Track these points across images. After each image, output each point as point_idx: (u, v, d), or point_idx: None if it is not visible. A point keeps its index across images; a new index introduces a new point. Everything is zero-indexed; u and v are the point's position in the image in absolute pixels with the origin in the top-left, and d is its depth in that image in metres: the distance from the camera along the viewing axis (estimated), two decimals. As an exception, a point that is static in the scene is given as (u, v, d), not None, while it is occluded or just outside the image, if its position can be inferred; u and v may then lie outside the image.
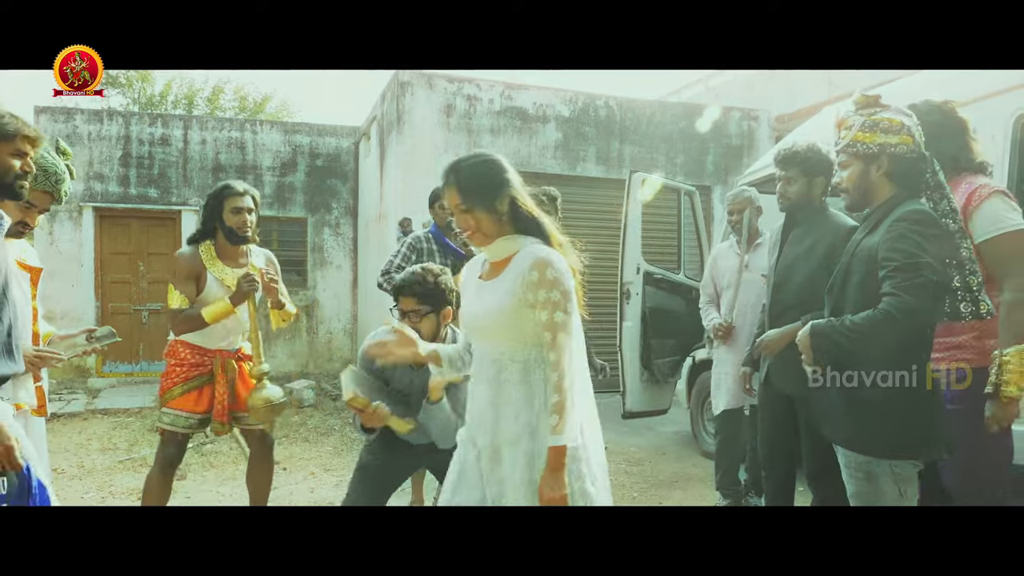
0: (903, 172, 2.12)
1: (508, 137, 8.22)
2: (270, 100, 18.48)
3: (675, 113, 9.05)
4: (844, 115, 2.21)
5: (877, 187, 2.15)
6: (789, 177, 3.01)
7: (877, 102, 2.15)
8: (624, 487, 4.66)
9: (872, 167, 2.13)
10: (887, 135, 2.10)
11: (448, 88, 8.05)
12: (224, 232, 3.16)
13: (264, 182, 10.00)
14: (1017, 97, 3.32)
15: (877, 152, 2.11)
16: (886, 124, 2.10)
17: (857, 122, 2.14)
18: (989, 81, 3.51)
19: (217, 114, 17.25)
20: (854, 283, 2.10)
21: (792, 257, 2.96)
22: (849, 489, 2.12)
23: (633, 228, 5.00)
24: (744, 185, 4.34)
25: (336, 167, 10.35)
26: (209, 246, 3.20)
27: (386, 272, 4.05)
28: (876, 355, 2.01)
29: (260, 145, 10.06)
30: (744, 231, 3.94)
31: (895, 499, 2.00)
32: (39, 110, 9.32)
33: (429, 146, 7.93)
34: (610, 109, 8.62)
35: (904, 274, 1.91)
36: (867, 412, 2.04)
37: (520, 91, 8.32)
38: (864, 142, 2.12)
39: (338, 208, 10.35)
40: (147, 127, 9.71)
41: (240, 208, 3.14)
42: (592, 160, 8.51)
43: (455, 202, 1.97)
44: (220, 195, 3.15)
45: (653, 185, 5.08)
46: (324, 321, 10.16)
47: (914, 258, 1.92)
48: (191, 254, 3.17)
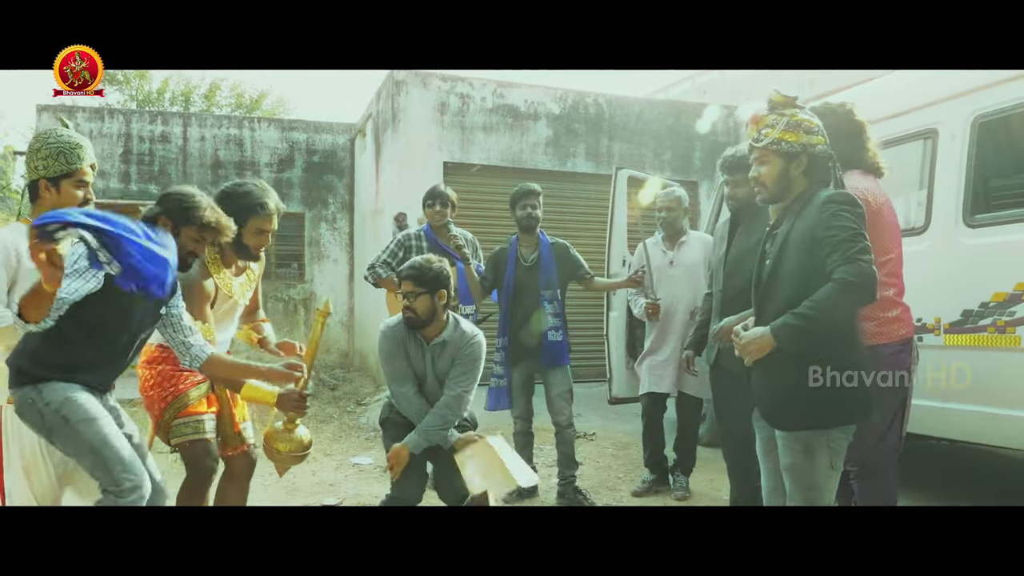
0: (817, 169, 2.27)
1: (500, 134, 8.46)
2: (266, 97, 18.68)
3: (663, 110, 9.30)
4: (761, 113, 2.30)
5: (794, 183, 2.28)
6: (736, 181, 3.29)
7: (793, 103, 2.27)
8: (611, 469, 4.92)
9: (792, 164, 2.25)
10: (808, 135, 2.23)
11: (442, 86, 8.28)
12: (237, 247, 2.87)
13: (262, 178, 10.13)
14: (975, 99, 3.52)
15: (799, 151, 2.23)
16: (807, 125, 2.23)
17: (780, 122, 2.25)
18: (949, 84, 3.72)
19: (214, 110, 17.43)
20: (787, 272, 2.20)
21: (741, 249, 3.24)
22: (784, 460, 2.24)
23: (619, 222, 5.24)
24: (675, 185, 4.58)
25: (333, 163, 10.57)
26: (214, 253, 2.89)
27: (371, 267, 4.22)
28: (842, 326, 2.12)
29: (258, 142, 10.27)
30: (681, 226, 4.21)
31: (827, 470, 2.17)
32: (41, 108, 9.53)
33: (423, 143, 8.17)
34: (599, 107, 8.86)
35: (849, 244, 2.04)
36: (803, 388, 2.14)
37: (511, 89, 8.56)
38: (787, 140, 2.23)
39: (335, 203, 10.58)
40: (147, 124, 9.92)
41: (265, 230, 2.90)
42: (582, 156, 8.76)
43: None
44: (248, 210, 2.83)
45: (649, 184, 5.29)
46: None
47: (853, 231, 2.07)
48: (204, 274, 2.84)
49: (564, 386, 4.04)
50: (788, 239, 2.22)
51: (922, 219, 3.76)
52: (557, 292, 4.05)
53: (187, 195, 2.49)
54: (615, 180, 5.18)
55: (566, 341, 4.08)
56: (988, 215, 3.48)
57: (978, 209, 3.51)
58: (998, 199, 3.55)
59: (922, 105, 3.84)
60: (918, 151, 3.84)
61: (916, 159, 3.85)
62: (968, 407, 3.46)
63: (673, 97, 11.21)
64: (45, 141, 2.48)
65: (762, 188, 2.33)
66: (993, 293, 3.37)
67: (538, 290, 4.01)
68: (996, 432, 3.45)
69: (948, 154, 3.66)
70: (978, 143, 3.52)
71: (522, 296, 4.05)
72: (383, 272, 4.15)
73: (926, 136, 3.78)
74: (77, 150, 2.49)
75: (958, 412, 3.50)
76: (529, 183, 4.15)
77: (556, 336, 4.00)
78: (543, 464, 4.76)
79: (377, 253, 4.33)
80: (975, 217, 3.50)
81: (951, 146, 3.65)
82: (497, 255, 4.21)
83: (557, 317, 4.01)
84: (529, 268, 4.08)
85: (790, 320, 2.08)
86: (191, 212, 2.45)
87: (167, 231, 2.36)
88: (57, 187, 2.47)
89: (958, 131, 3.61)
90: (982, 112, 3.50)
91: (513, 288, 4.08)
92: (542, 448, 5.08)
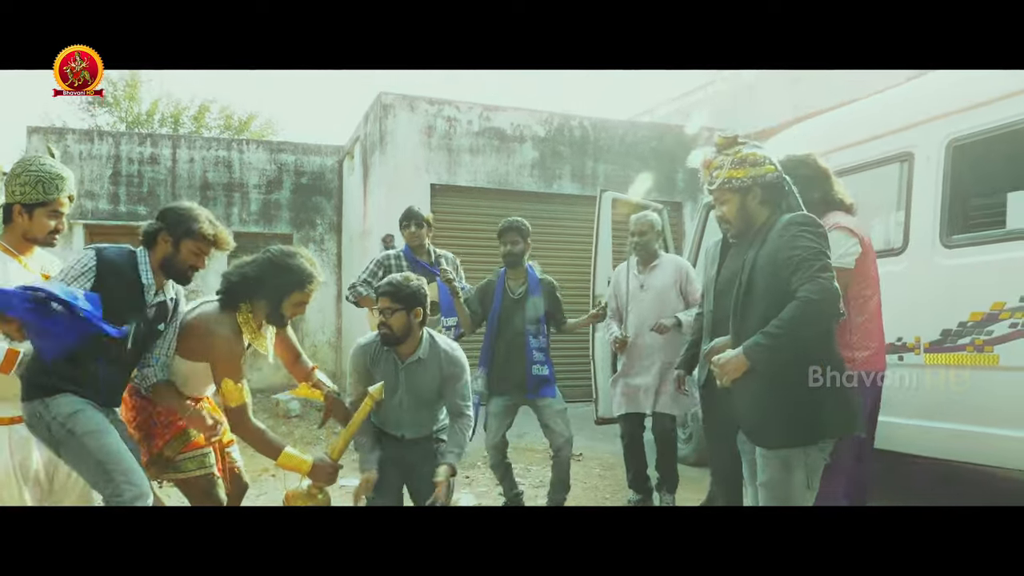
0: (773, 196, 2.37)
1: (486, 156, 8.53)
2: (255, 118, 18.73)
3: (646, 132, 9.41)
4: (710, 157, 2.42)
5: (755, 214, 2.38)
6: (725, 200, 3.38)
7: (736, 141, 2.38)
8: (597, 490, 4.92)
9: (748, 197, 2.36)
10: (755, 167, 2.34)
11: (429, 110, 8.35)
12: (273, 313, 2.70)
13: (250, 199, 10.24)
14: (949, 123, 3.60)
15: (750, 184, 2.34)
16: (752, 158, 2.34)
17: (726, 161, 2.36)
18: (923, 108, 3.82)
19: (203, 132, 17.47)
20: (758, 294, 2.28)
21: (732, 270, 3.28)
22: (761, 477, 2.28)
23: (604, 243, 5.29)
24: (649, 209, 4.63)
25: (321, 185, 10.61)
26: (246, 312, 2.68)
27: (352, 286, 4.32)
28: (808, 342, 2.17)
29: (246, 163, 10.30)
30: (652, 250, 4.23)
31: (803, 488, 2.20)
32: (31, 130, 9.52)
33: (411, 165, 8.23)
34: (584, 129, 8.96)
35: (810, 263, 2.14)
36: (784, 405, 2.20)
37: (497, 112, 8.65)
38: (737, 177, 2.34)
39: (322, 224, 10.60)
40: (136, 146, 9.94)
41: (306, 302, 2.75)
42: (567, 178, 8.84)
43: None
44: (297, 284, 2.67)
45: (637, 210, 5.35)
46: (309, 334, 10.37)
47: (813, 250, 2.16)
48: (237, 331, 2.65)
49: (558, 407, 3.98)
50: (755, 264, 2.31)
51: (900, 240, 3.82)
52: (543, 327, 4.05)
53: (185, 209, 2.53)
54: (599, 202, 5.24)
55: (552, 374, 4.06)
56: (964, 236, 3.55)
57: (954, 230, 3.58)
58: (974, 220, 3.62)
59: (898, 129, 3.92)
60: (895, 174, 3.91)
61: (893, 181, 3.92)
62: (949, 425, 3.50)
63: (657, 119, 11.34)
64: (27, 167, 2.53)
65: (728, 225, 2.45)
66: (971, 312, 3.42)
67: (524, 323, 4.00)
68: (977, 450, 3.49)
69: (924, 176, 3.73)
70: (953, 166, 3.59)
71: (507, 329, 4.03)
72: (364, 291, 4.22)
73: (902, 159, 3.86)
74: (56, 181, 2.54)
75: (940, 430, 3.55)
76: (513, 218, 4.13)
77: (541, 370, 3.97)
78: (530, 485, 4.76)
79: (358, 273, 4.39)
80: (951, 238, 3.57)
81: (927, 169, 3.72)
82: (485, 287, 4.21)
83: (542, 351, 4.00)
84: (516, 301, 4.07)
85: (760, 340, 2.15)
86: (190, 225, 2.48)
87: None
88: (30, 214, 2.52)
89: (933, 154, 3.69)
90: (956, 136, 3.58)
91: (498, 321, 4.07)
92: (529, 468, 5.09)
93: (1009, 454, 3.33)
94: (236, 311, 2.65)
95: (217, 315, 2.65)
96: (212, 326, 2.61)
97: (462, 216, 8.31)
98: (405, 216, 4.39)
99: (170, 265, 2.53)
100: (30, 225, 2.53)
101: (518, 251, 4.05)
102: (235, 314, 2.65)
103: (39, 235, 2.56)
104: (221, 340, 2.59)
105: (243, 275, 2.65)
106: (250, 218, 10.22)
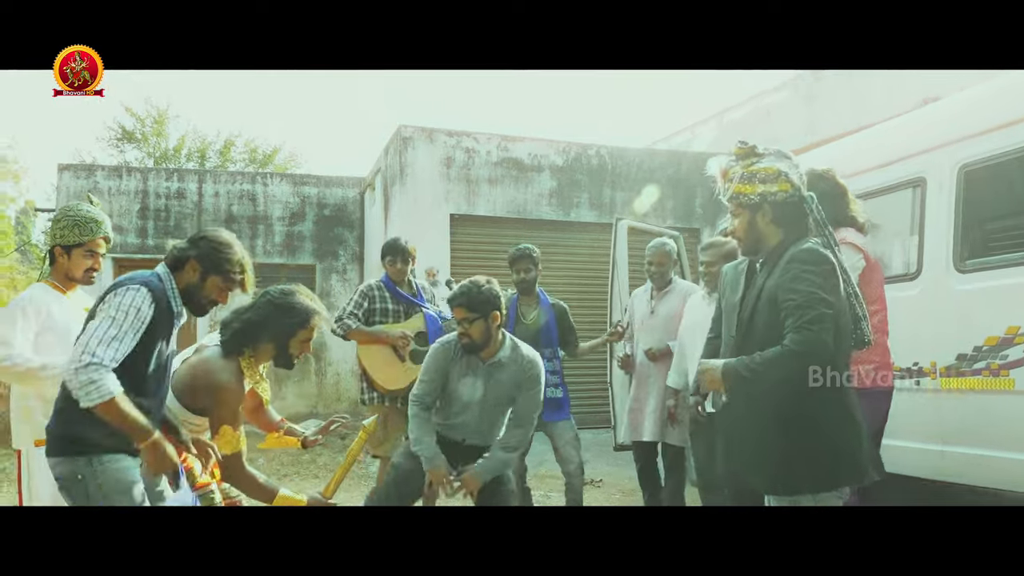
0: (787, 216, 2.21)
1: (505, 186, 8.66)
2: (279, 151, 19.11)
3: (663, 160, 9.50)
4: (726, 166, 2.29)
5: (765, 234, 2.25)
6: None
7: (754, 151, 2.23)
8: (616, 515, 4.94)
9: (757, 216, 2.23)
10: (765, 184, 2.19)
11: (448, 141, 8.52)
12: (280, 355, 2.67)
13: (274, 231, 10.44)
14: (961, 148, 3.63)
15: (759, 202, 2.20)
16: (763, 174, 2.19)
17: (737, 174, 2.23)
18: (935, 135, 3.85)
19: (229, 166, 17.84)
20: (760, 325, 2.20)
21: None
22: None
23: (621, 270, 5.35)
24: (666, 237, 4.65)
25: (343, 216, 10.79)
26: (251, 361, 2.66)
27: (339, 319, 4.25)
28: (772, 386, 2.09)
29: (270, 196, 10.52)
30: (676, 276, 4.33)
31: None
32: (62, 168, 9.83)
33: (430, 196, 8.39)
34: (601, 157, 9.07)
35: (802, 311, 2.03)
36: (794, 452, 2.10)
37: (515, 143, 8.80)
38: (745, 193, 2.21)
39: (345, 255, 10.77)
40: (164, 181, 10.21)
41: (311, 339, 2.71)
42: (585, 206, 8.94)
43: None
44: (300, 323, 2.64)
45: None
46: (332, 363, 10.48)
47: (809, 296, 2.04)
48: (240, 379, 2.61)
49: (570, 433, 4.07)
50: (761, 294, 2.23)
51: (914, 265, 3.84)
52: (557, 350, 4.13)
53: (222, 244, 2.39)
54: (615, 230, 5.31)
55: (566, 396, 4.13)
56: (977, 260, 3.56)
57: (968, 255, 3.59)
58: (987, 245, 3.64)
59: (909, 155, 3.96)
60: (908, 199, 3.94)
61: (906, 207, 3.95)
62: (967, 450, 3.49)
63: (673, 147, 11.43)
64: (66, 213, 2.82)
65: (738, 241, 2.35)
66: (986, 337, 3.43)
67: (538, 347, 4.07)
68: (995, 475, 3.48)
69: (936, 202, 3.76)
70: (965, 191, 3.62)
71: None
72: (352, 324, 4.19)
73: (915, 184, 3.89)
74: (91, 224, 2.80)
75: (957, 455, 3.54)
76: (524, 245, 4.22)
77: (556, 393, 4.04)
78: (549, 512, 4.78)
79: (342, 306, 4.35)
80: (965, 263, 3.58)
81: (939, 194, 3.75)
82: None
83: (556, 375, 4.07)
84: (528, 325, 4.15)
85: (738, 366, 2.12)
86: (223, 265, 2.37)
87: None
88: (69, 254, 2.81)
89: (945, 180, 3.72)
90: (967, 161, 3.61)
91: None
92: (549, 496, 5.12)
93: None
94: (239, 356, 2.61)
95: (220, 362, 2.57)
96: (216, 374, 2.54)
97: (482, 246, 8.42)
98: (390, 250, 4.32)
99: (191, 294, 2.38)
100: (69, 264, 2.81)
101: (531, 278, 4.16)
102: (238, 360, 2.60)
103: (77, 274, 2.83)
104: (225, 388, 2.53)
105: (246, 321, 2.61)
106: (274, 250, 10.41)
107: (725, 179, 2.27)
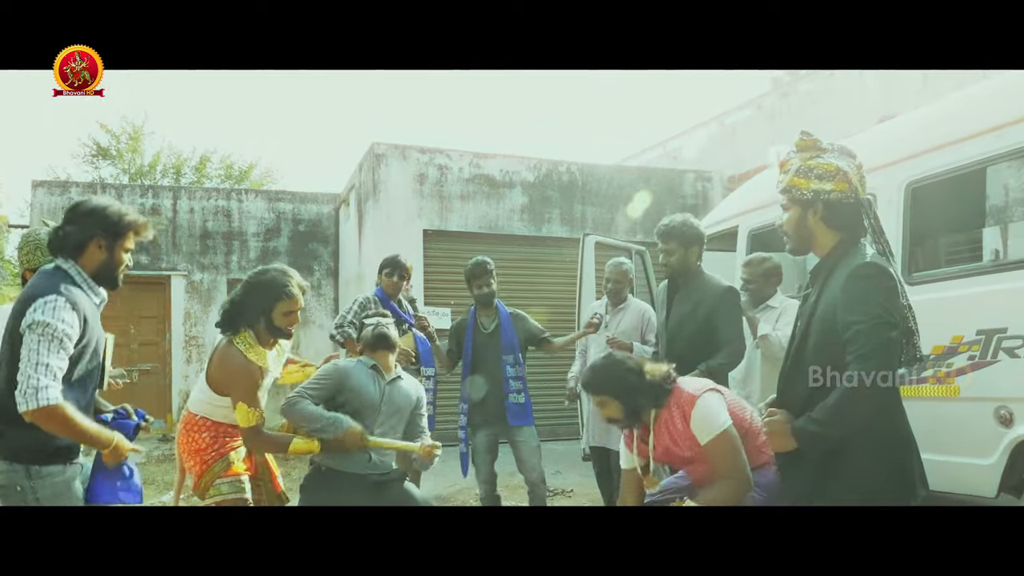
0: (841, 218, 2.07)
1: (477, 202, 8.78)
2: (255, 167, 19.09)
3: (633, 176, 9.68)
4: (786, 157, 2.18)
5: (816, 233, 2.11)
6: (669, 249, 3.46)
7: (816, 145, 2.11)
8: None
9: (808, 212, 2.09)
10: (821, 181, 2.05)
11: (420, 158, 8.64)
12: (269, 329, 2.91)
13: (249, 247, 10.46)
14: (909, 167, 3.78)
15: (812, 198, 2.06)
16: (820, 170, 2.05)
17: (794, 166, 2.10)
18: (884, 153, 4.01)
19: (204, 182, 17.79)
20: (811, 348, 2.05)
21: (680, 315, 3.41)
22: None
23: (588, 285, 5.48)
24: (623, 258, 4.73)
25: (317, 232, 10.84)
26: (246, 336, 2.91)
27: (339, 326, 4.34)
28: (859, 427, 1.95)
29: (245, 212, 10.55)
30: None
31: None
32: (36, 184, 9.79)
33: (404, 212, 8.49)
34: (572, 174, 9.23)
35: (866, 337, 1.87)
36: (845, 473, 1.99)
37: (487, 159, 8.93)
38: (799, 187, 2.08)
39: (320, 270, 10.81)
40: (139, 198, 10.21)
41: (293, 311, 2.91)
42: (556, 221, 9.08)
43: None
44: (275, 296, 2.86)
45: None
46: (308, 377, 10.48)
47: (875, 319, 1.88)
48: (244, 358, 2.87)
49: (532, 442, 4.15)
50: (815, 313, 2.08)
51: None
52: (519, 356, 4.22)
53: (106, 208, 2.36)
54: (583, 246, 5.44)
55: (529, 403, 4.22)
56: (925, 272, 3.71)
57: (915, 268, 3.74)
58: (933, 258, 3.79)
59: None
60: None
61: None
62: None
63: (643, 163, 11.64)
64: (27, 239, 2.89)
65: (785, 236, 2.21)
66: (933, 346, 3.56)
67: (499, 355, 4.18)
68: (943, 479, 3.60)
69: (886, 217, 3.90)
70: (912, 207, 3.76)
71: (482, 362, 4.22)
72: (353, 333, 4.22)
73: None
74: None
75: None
76: (480, 258, 4.31)
77: (519, 399, 4.14)
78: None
79: (341, 314, 4.47)
80: (913, 275, 3.71)
81: (888, 210, 3.89)
82: (458, 326, 4.43)
83: (519, 380, 4.17)
84: (489, 335, 4.25)
85: (809, 426, 1.96)
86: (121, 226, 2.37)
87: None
88: None
89: (893, 196, 3.86)
90: (914, 178, 3.76)
91: (472, 355, 4.26)
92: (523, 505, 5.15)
93: (969, 480, 3.45)
94: (234, 337, 2.89)
95: (225, 347, 2.91)
96: (225, 359, 2.88)
97: (454, 261, 8.48)
98: (390, 265, 4.45)
99: (107, 272, 2.41)
100: None
101: (491, 290, 4.25)
102: (234, 342, 2.88)
103: None
104: (230, 371, 2.86)
105: (231, 303, 2.95)
106: (249, 265, 10.42)
107: (783, 170, 2.16)
